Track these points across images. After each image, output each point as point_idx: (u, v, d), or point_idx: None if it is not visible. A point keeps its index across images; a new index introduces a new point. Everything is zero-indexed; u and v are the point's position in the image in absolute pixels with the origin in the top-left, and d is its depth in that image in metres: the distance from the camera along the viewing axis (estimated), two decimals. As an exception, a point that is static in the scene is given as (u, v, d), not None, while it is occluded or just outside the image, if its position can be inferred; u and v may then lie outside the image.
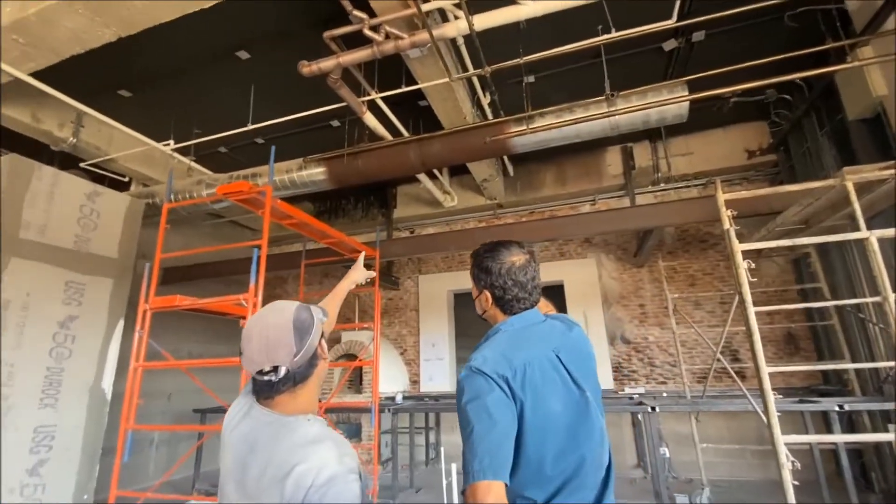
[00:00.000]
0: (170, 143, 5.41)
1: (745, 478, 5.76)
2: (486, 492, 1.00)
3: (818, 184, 3.68)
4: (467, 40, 4.14)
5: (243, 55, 4.78)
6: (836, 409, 4.42)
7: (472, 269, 1.37)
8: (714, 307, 6.65)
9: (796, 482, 2.91)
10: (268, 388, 1.06)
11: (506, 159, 7.03)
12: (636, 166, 6.97)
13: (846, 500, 4.28)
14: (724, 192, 3.66)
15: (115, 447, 3.90)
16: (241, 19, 4.24)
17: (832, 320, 5.41)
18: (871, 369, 4.86)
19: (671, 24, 3.58)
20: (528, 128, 4.63)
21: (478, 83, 5.02)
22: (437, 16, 3.85)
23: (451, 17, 3.72)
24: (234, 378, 3.74)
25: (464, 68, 4.44)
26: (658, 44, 4.84)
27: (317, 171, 5.58)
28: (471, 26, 3.53)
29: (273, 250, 8.29)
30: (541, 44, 3.99)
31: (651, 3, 3.77)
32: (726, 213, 3.55)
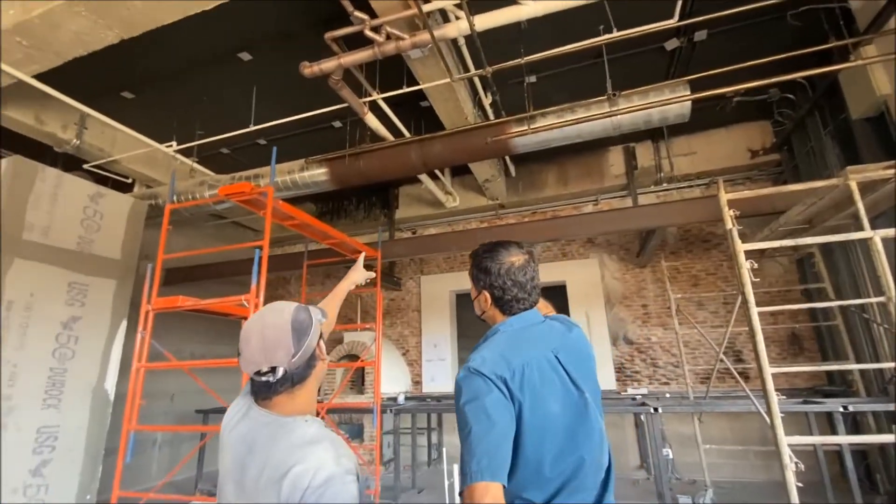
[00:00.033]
0: (172, 145, 5.44)
1: (749, 479, 5.74)
2: (484, 493, 0.99)
3: (821, 183, 3.66)
4: (468, 41, 4.13)
5: (245, 56, 4.80)
6: (841, 409, 4.38)
7: (470, 269, 1.36)
8: (717, 307, 6.62)
9: (800, 483, 2.89)
10: (266, 389, 1.06)
11: (507, 159, 7.01)
12: (638, 166, 6.95)
13: (850, 502, 4.25)
14: (727, 191, 3.65)
15: (118, 448, 3.91)
16: (243, 21, 4.26)
17: (836, 321, 5.39)
18: (875, 370, 4.83)
19: (673, 23, 3.57)
20: (529, 128, 4.62)
21: (479, 83, 5.01)
22: (438, 16, 3.85)
23: (452, 18, 3.72)
24: (236, 379, 3.75)
25: (465, 69, 4.43)
26: (660, 43, 4.82)
27: (318, 172, 5.59)
28: (472, 26, 3.53)
29: (275, 251, 8.34)
30: (542, 44, 3.98)
31: (652, 3, 3.75)
32: (729, 213, 3.53)
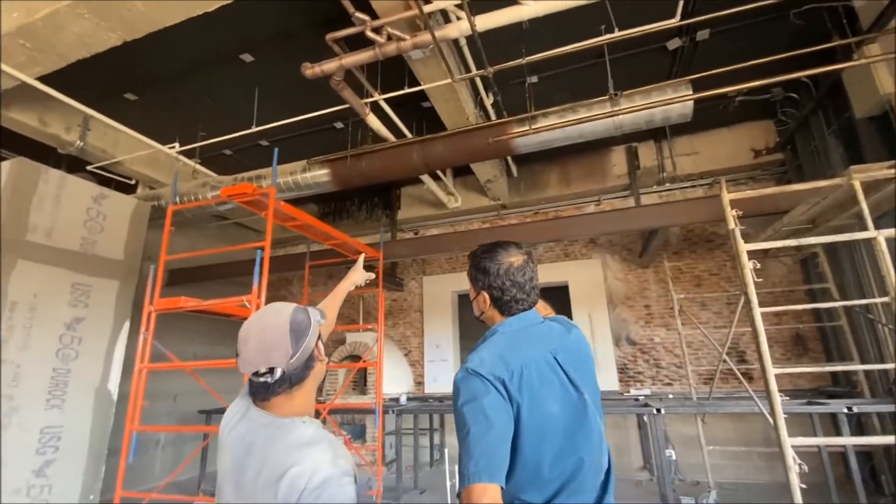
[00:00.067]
0: (175, 146, 5.46)
1: (752, 480, 5.70)
2: (482, 494, 0.99)
3: (825, 183, 3.64)
4: (469, 41, 4.12)
5: (247, 58, 4.81)
6: (845, 410, 4.35)
7: (469, 270, 1.36)
8: (720, 308, 6.59)
9: (804, 485, 2.87)
10: (264, 390, 1.06)
11: (509, 160, 7.00)
12: (641, 166, 6.93)
13: (855, 503, 4.22)
14: (730, 191, 3.63)
15: (121, 448, 3.92)
16: (245, 22, 4.27)
17: (841, 321, 5.35)
18: (880, 370, 4.79)
19: (675, 22, 3.55)
20: (531, 128, 4.61)
21: (480, 84, 5.01)
22: (440, 17, 3.84)
23: (454, 18, 3.71)
24: (238, 379, 3.73)
25: (466, 69, 4.43)
26: (661, 43, 4.81)
27: (320, 173, 5.60)
28: (473, 27, 3.53)
29: (278, 252, 8.36)
30: (543, 44, 3.97)
31: (654, 2, 3.74)
32: (731, 213, 3.52)
